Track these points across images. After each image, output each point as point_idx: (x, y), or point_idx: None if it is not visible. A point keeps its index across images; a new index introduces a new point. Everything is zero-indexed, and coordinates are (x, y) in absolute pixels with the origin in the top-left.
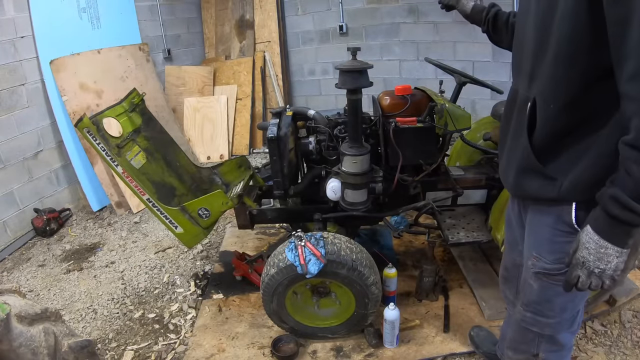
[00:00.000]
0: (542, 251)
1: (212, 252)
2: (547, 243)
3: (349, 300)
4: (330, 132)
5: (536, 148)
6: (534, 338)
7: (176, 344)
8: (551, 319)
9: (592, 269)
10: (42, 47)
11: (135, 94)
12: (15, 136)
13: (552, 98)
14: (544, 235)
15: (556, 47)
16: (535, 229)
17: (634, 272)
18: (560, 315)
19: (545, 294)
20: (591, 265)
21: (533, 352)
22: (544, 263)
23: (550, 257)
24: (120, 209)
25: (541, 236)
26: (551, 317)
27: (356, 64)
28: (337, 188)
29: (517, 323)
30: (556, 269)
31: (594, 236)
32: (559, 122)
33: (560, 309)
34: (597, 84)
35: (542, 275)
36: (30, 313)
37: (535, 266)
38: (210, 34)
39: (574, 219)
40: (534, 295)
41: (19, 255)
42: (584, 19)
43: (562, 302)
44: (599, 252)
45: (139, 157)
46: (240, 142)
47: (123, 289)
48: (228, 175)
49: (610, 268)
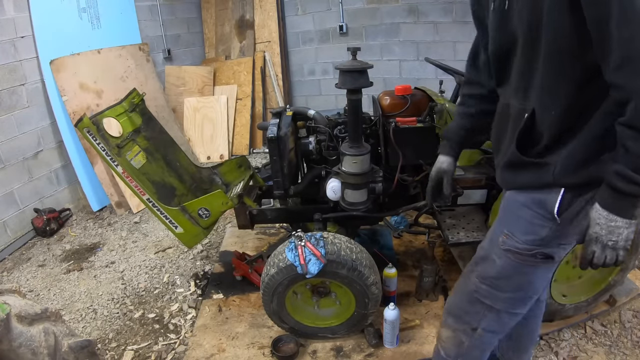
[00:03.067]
0: (515, 230)
1: (212, 252)
2: (523, 223)
3: (349, 300)
4: (330, 132)
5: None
6: (481, 310)
7: (176, 344)
8: (506, 293)
9: (605, 242)
10: (42, 47)
11: (135, 94)
12: (15, 136)
13: (552, 106)
14: (521, 215)
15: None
16: (512, 208)
17: (634, 272)
18: (514, 292)
19: (507, 271)
20: (604, 239)
21: (473, 326)
22: (514, 242)
23: (523, 237)
24: (120, 209)
25: (517, 215)
26: (506, 292)
27: (356, 64)
28: (337, 188)
29: (470, 293)
30: (526, 249)
31: (602, 212)
32: (562, 125)
33: (517, 286)
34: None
35: (510, 253)
36: (30, 313)
37: (505, 243)
38: (210, 34)
39: (557, 206)
40: (495, 271)
41: (19, 255)
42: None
43: (521, 280)
44: (610, 225)
45: (139, 157)
46: (240, 142)
47: (123, 289)
48: (228, 175)
49: (622, 239)
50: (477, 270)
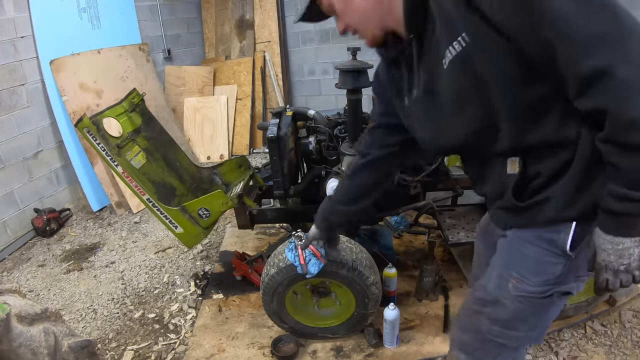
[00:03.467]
0: (526, 272)
1: (212, 252)
2: (533, 263)
3: (349, 300)
4: (330, 132)
5: (528, 189)
6: (495, 348)
7: (176, 344)
8: (521, 332)
9: (616, 268)
10: (42, 47)
11: (135, 94)
12: (15, 136)
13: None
14: (529, 254)
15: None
16: (517, 248)
17: None
18: (531, 331)
19: (522, 314)
20: (614, 265)
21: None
22: (527, 285)
23: (536, 278)
24: (120, 209)
25: (524, 255)
26: (522, 331)
27: (356, 64)
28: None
29: (482, 333)
30: (541, 291)
31: (607, 237)
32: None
33: (532, 326)
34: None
35: (524, 299)
36: (30, 313)
37: (517, 289)
38: (210, 34)
39: (569, 242)
40: (508, 315)
41: (19, 255)
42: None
43: (536, 319)
44: (617, 249)
45: (139, 157)
46: (240, 142)
47: (123, 289)
48: (228, 175)
49: (635, 259)
50: (485, 312)
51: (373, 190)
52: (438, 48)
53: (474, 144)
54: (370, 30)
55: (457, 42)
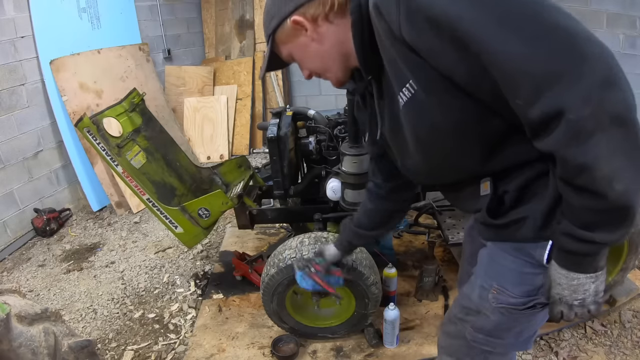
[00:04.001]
0: (506, 283)
1: (212, 252)
2: (514, 274)
3: (349, 300)
4: (330, 132)
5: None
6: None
7: (176, 344)
8: (506, 340)
9: (570, 302)
10: (42, 47)
11: (135, 93)
12: (15, 136)
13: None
14: (509, 265)
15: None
16: (497, 259)
17: (634, 272)
18: (516, 338)
19: (505, 324)
20: (568, 299)
21: None
22: (508, 297)
23: (516, 289)
24: (120, 209)
25: (504, 266)
26: (507, 339)
27: None
28: (337, 188)
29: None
30: (522, 302)
31: (561, 271)
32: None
33: (517, 334)
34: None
35: (505, 310)
36: (30, 313)
37: (498, 300)
38: (210, 34)
39: (545, 256)
40: (491, 325)
41: (19, 255)
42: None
43: (522, 327)
44: (572, 284)
45: (139, 157)
46: (240, 142)
47: (123, 289)
48: (228, 175)
49: (590, 295)
50: (469, 320)
51: (394, 216)
52: (393, 90)
53: (442, 175)
54: (333, 72)
55: (406, 88)
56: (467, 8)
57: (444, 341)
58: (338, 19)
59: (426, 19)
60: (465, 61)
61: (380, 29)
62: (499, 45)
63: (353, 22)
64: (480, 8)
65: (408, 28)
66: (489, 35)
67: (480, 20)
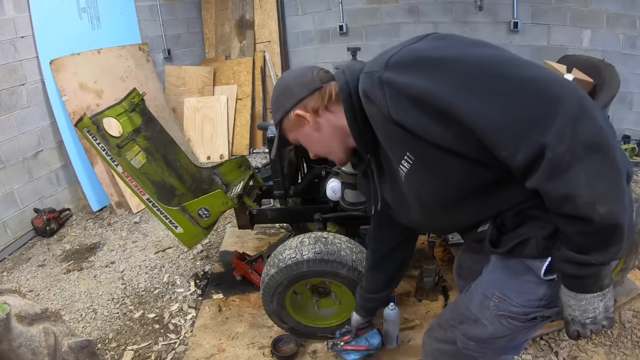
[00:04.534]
0: (509, 291)
1: (212, 252)
2: (516, 283)
3: (349, 300)
4: None
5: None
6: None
7: (176, 344)
8: (497, 345)
9: (583, 321)
10: (42, 47)
11: (135, 93)
12: (15, 136)
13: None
14: (512, 274)
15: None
16: (501, 268)
17: (634, 272)
18: (507, 343)
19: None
20: (580, 319)
21: None
22: (509, 305)
23: (518, 298)
24: (120, 209)
25: (508, 275)
26: (497, 344)
27: (356, 64)
28: (337, 188)
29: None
30: (523, 312)
31: (570, 293)
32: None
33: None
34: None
35: (504, 319)
36: (30, 313)
37: (499, 308)
38: (210, 34)
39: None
40: (486, 334)
41: (19, 255)
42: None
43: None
44: (581, 305)
45: (139, 157)
46: (240, 142)
47: (123, 289)
48: (228, 175)
49: (600, 312)
50: (460, 328)
51: (399, 272)
52: (391, 165)
53: (445, 227)
54: (336, 154)
55: (405, 160)
56: (441, 84)
57: (430, 346)
58: (336, 106)
59: (408, 99)
60: (451, 130)
61: (372, 112)
62: (475, 110)
63: (345, 109)
64: (452, 83)
65: (394, 108)
66: (464, 103)
67: (455, 93)
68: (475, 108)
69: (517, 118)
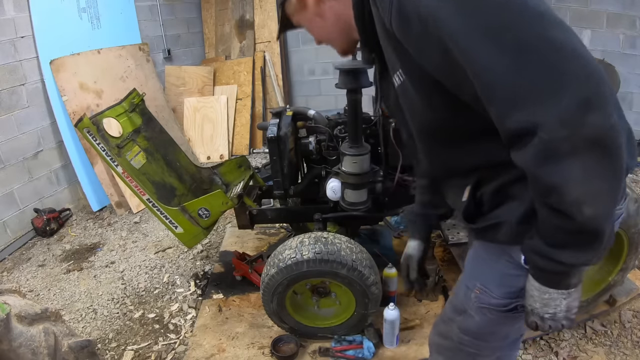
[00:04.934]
0: (489, 283)
1: (212, 252)
2: (497, 274)
3: (349, 300)
4: (330, 132)
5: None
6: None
7: (176, 344)
8: (492, 343)
9: (542, 315)
10: (42, 47)
11: (135, 94)
12: (15, 136)
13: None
14: (493, 266)
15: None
16: (482, 258)
17: (634, 272)
18: (502, 341)
19: (488, 327)
20: (540, 312)
21: None
22: (490, 297)
23: (498, 290)
24: (120, 209)
25: (489, 266)
26: (492, 342)
27: (356, 64)
28: (337, 188)
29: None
30: (503, 304)
31: (535, 284)
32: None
33: (504, 336)
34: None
35: (487, 311)
36: (30, 313)
37: (480, 299)
38: (210, 34)
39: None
40: (475, 326)
41: (19, 255)
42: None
43: (506, 330)
44: (543, 298)
45: (139, 157)
46: (240, 142)
47: (123, 289)
48: (228, 175)
49: (561, 311)
50: (456, 320)
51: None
52: (388, 71)
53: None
54: (338, 44)
55: (397, 75)
56: (455, 13)
57: (435, 339)
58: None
59: (417, 16)
60: (447, 64)
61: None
62: (481, 54)
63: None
64: (469, 15)
65: (398, 22)
66: (471, 42)
67: (467, 27)
68: (481, 52)
69: (522, 78)
